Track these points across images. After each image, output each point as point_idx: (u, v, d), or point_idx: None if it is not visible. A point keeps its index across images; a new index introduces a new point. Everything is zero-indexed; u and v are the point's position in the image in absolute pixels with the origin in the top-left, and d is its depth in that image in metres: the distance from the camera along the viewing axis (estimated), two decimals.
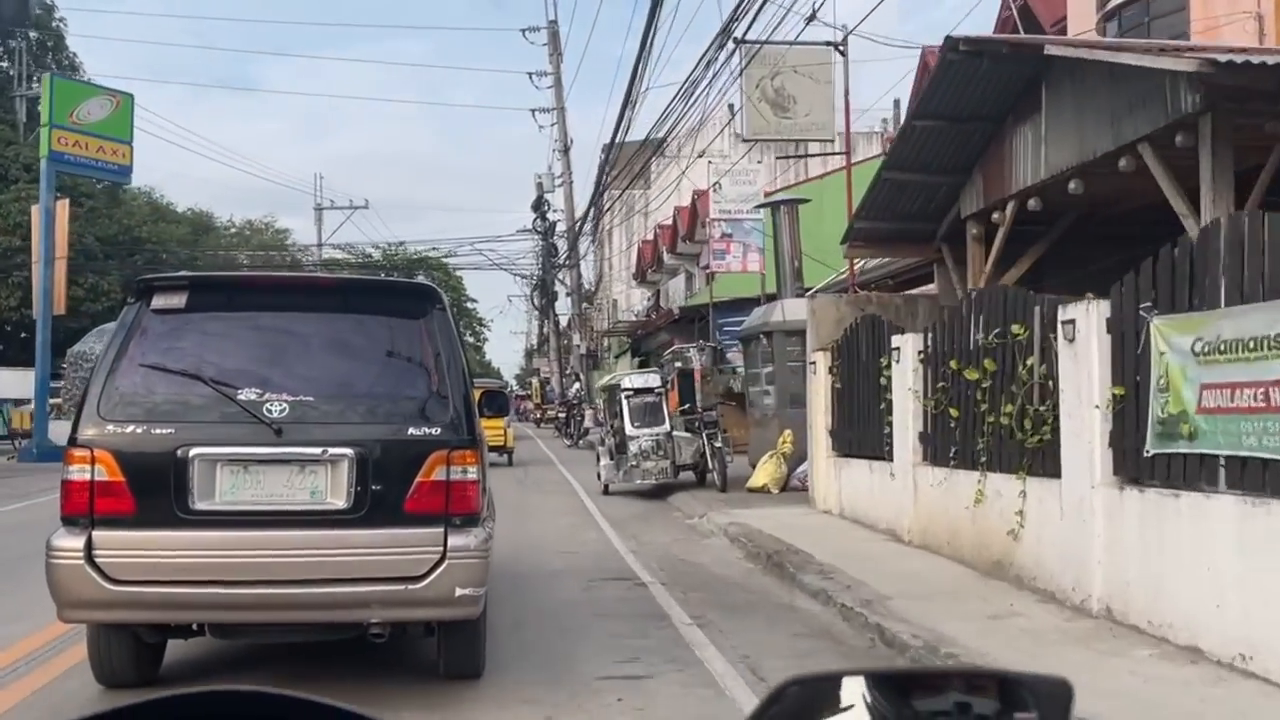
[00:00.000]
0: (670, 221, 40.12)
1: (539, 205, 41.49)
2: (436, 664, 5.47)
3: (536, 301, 45.13)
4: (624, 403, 15.02)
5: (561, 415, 33.52)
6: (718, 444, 14.56)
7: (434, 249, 46.70)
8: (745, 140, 14.17)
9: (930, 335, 9.13)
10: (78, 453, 4.82)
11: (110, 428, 4.85)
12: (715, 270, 25.50)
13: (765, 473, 14.08)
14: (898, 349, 9.60)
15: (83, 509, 4.83)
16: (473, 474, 5.02)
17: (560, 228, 41.92)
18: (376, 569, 4.84)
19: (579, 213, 41.39)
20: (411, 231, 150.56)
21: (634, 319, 34.26)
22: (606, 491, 15.71)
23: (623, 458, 15.29)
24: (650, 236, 47.05)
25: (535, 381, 48.63)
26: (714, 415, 14.90)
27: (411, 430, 4.97)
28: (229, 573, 4.79)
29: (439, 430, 4.98)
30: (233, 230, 71.36)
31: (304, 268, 71.56)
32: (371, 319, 5.43)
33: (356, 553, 4.84)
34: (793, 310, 14.74)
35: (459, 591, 4.87)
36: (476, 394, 6.50)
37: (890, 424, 9.84)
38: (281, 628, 5.16)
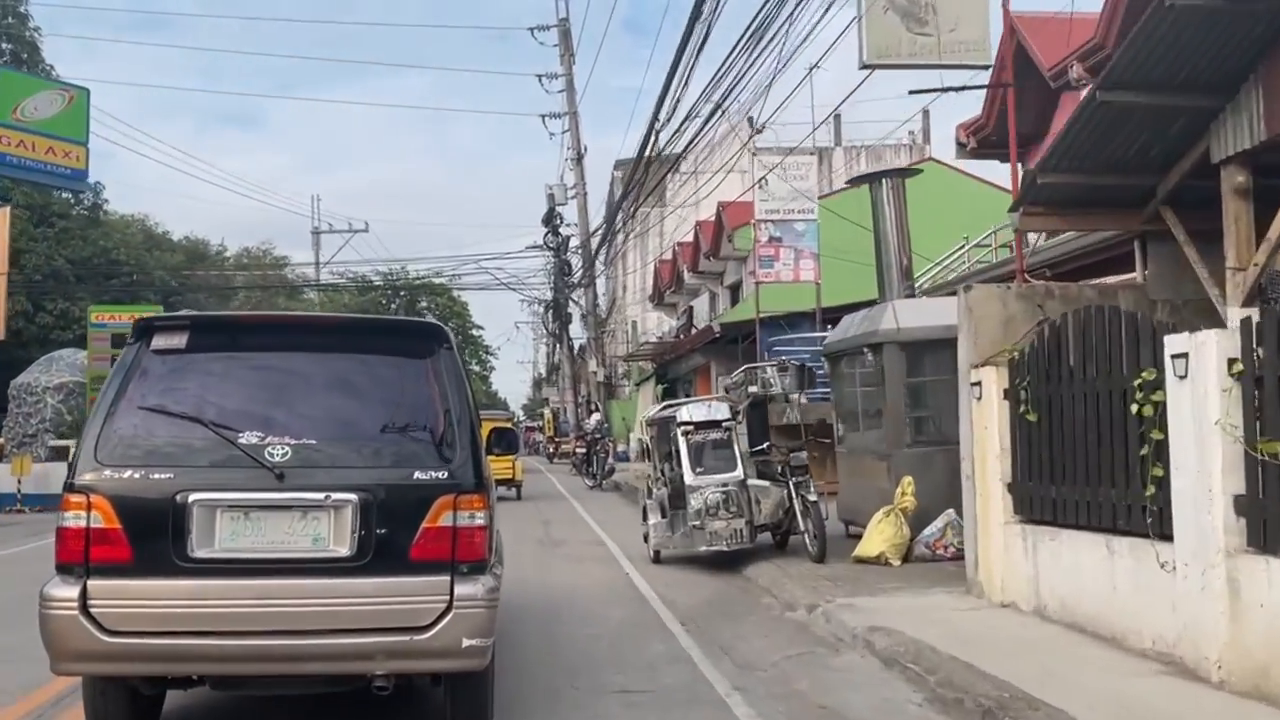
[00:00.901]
0: (690, 238, 36.51)
1: (550, 219, 37.86)
2: (444, 715, 5.30)
3: (548, 324, 41.23)
4: (681, 441, 11.22)
5: (580, 451, 29.64)
6: (812, 497, 10.74)
7: (437, 273, 42.75)
8: (865, 66, 10.35)
9: (1256, 334, 5.37)
10: (74, 498, 4.70)
11: (107, 472, 4.74)
12: (762, 280, 21.73)
13: (881, 537, 10.23)
14: (1182, 357, 5.79)
15: (78, 557, 4.68)
16: (480, 519, 4.88)
17: (574, 243, 38.26)
18: (381, 619, 4.71)
19: (594, 226, 37.76)
20: (414, 253, 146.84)
21: (657, 341, 30.45)
22: (657, 560, 11.86)
23: (679, 514, 11.50)
24: (668, 255, 43.43)
25: (547, 413, 44.69)
26: (803, 458, 11.08)
27: (417, 474, 4.84)
28: (229, 623, 4.67)
29: (446, 474, 4.86)
30: (227, 258, 68.13)
31: (302, 295, 68.35)
32: (377, 359, 5.30)
33: (360, 602, 4.71)
34: (910, 314, 10.94)
35: (466, 642, 4.74)
36: (485, 429, 5.70)
37: (1162, 480, 6.03)
38: (283, 680, 4.99)
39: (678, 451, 11.30)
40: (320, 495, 4.73)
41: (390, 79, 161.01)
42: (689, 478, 11.08)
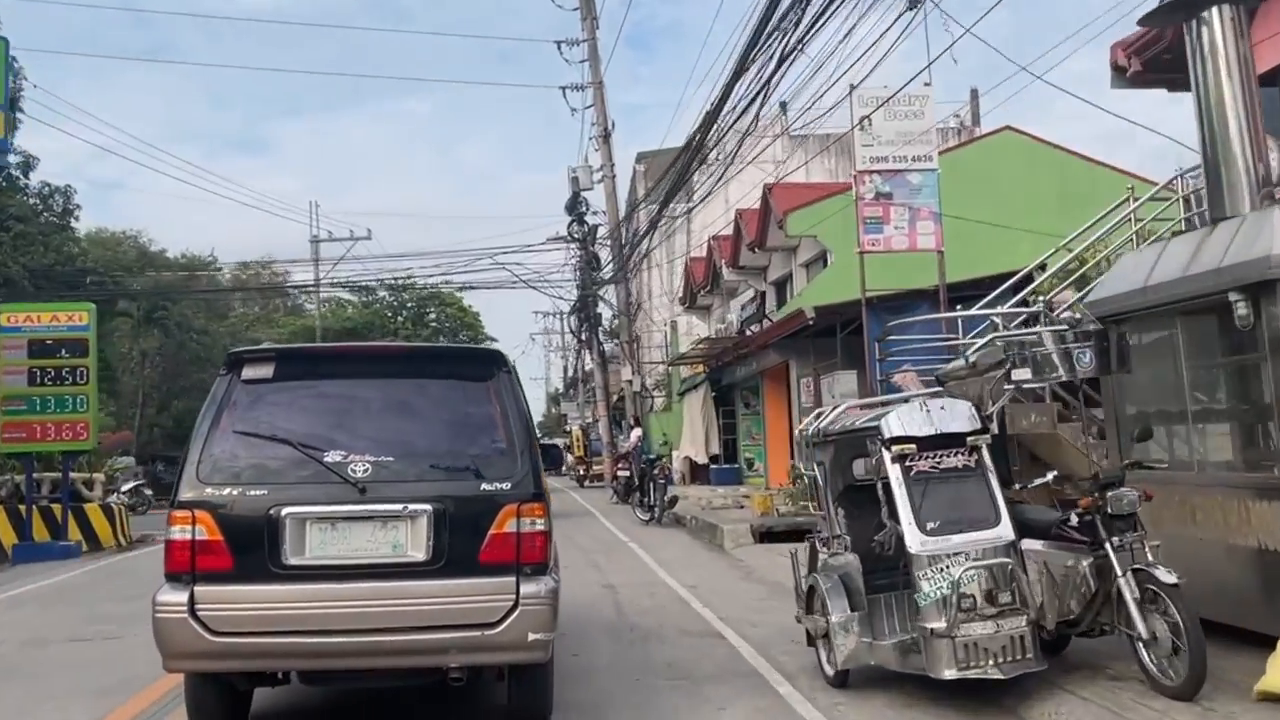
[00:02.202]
0: (729, 231, 31.60)
1: (575, 206, 32.80)
2: (505, 710, 5.80)
3: (573, 328, 35.95)
4: (894, 473, 6.12)
5: (623, 475, 24.49)
6: (1168, 579, 5.62)
7: (446, 278, 37.37)
8: None
9: None
10: (179, 514, 5.20)
11: (209, 490, 5.24)
12: (868, 249, 16.63)
13: None
14: None
15: (185, 566, 5.17)
16: (541, 525, 5.34)
17: (602, 232, 33.18)
18: (455, 617, 5.16)
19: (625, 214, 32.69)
20: (421, 260, 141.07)
21: (714, 338, 25.37)
22: (843, 682, 6.68)
23: (890, 606, 6.45)
24: (699, 253, 38.43)
25: (575, 430, 39.40)
26: (1128, 500, 5.94)
27: (484, 486, 5.33)
28: (319, 623, 5.12)
29: (509, 485, 5.34)
30: (224, 273, 63.46)
31: (304, 310, 63.48)
32: (444, 383, 5.82)
33: (436, 602, 5.16)
34: None
35: (532, 636, 5.18)
36: None
37: None
38: (368, 674, 5.45)
39: (886, 491, 6.18)
40: (398, 506, 5.25)
41: (395, 102, 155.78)
42: (914, 539, 5.97)
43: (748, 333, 23.81)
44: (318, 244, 53.67)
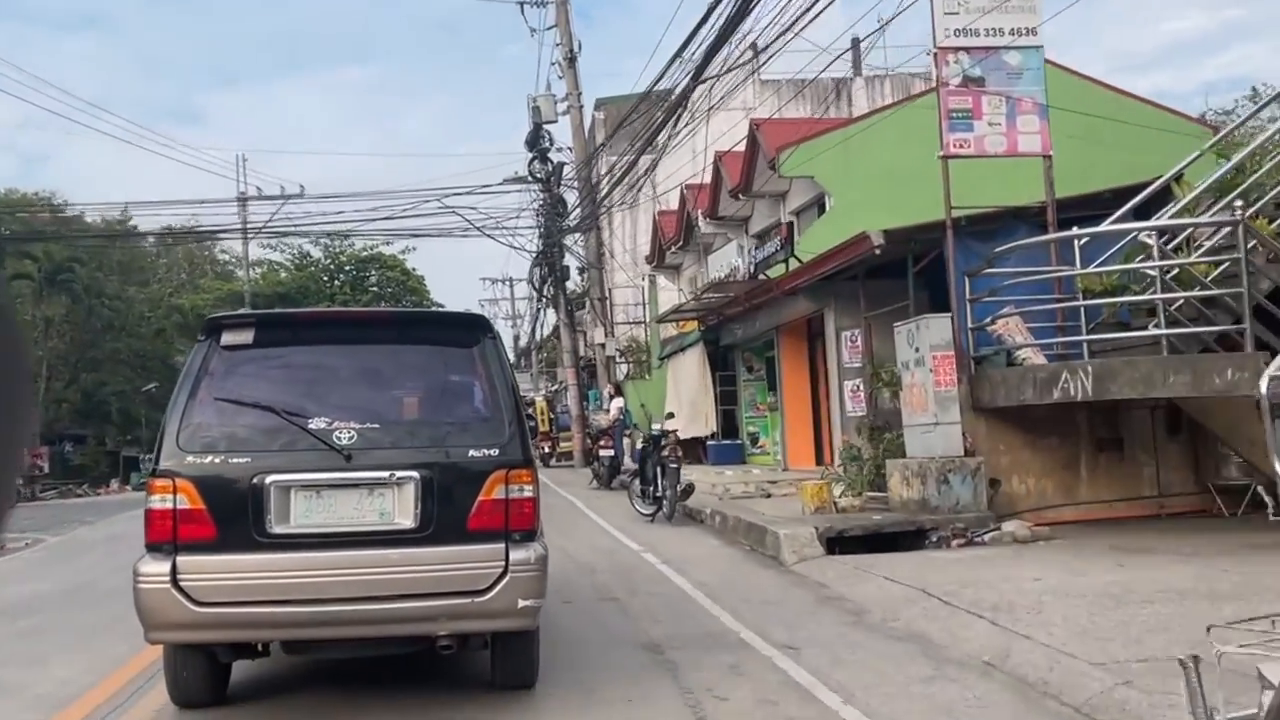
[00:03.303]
0: (705, 180, 27.35)
1: (537, 140, 28.20)
2: (488, 680, 5.80)
3: (535, 281, 31.05)
4: None
5: (606, 454, 20.16)
6: None
7: (388, 223, 32.10)
8: None
9: None
10: (160, 482, 5.10)
11: (190, 458, 5.14)
12: (955, 152, 12.37)
13: None
14: None
15: (167, 536, 5.08)
16: (529, 491, 5.31)
17: (568, 172, 28.59)
18: (444, 584, 5.14)
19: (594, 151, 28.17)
20: (357, 203, 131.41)
21: (724, 281, 20.56)
22: None
23: None
24: (668, 205, 34.12)
25: (539, 400, 34.55)
26: None
27: (471, 452, 5.28)
28: (306, 592, 5.05)
29: (497, 451, 5.29)
30: (148, 239, 57.93)
31: (234, 275, 57.99)
32: (428, 349, 5.82)
33: (424, 569, 5.13)
34: None
35: (521, 603, 5.17)
36: None
37: None
38: (356, 643, 5.41)
39: None
40: (385, 474, 5.18)
41: (333, 73, 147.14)
42: None
43: (758, 276, 19.40)
44: (245, 201, 48.07)
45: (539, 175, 28.18)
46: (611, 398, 23.31)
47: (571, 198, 28.54)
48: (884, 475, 12.43)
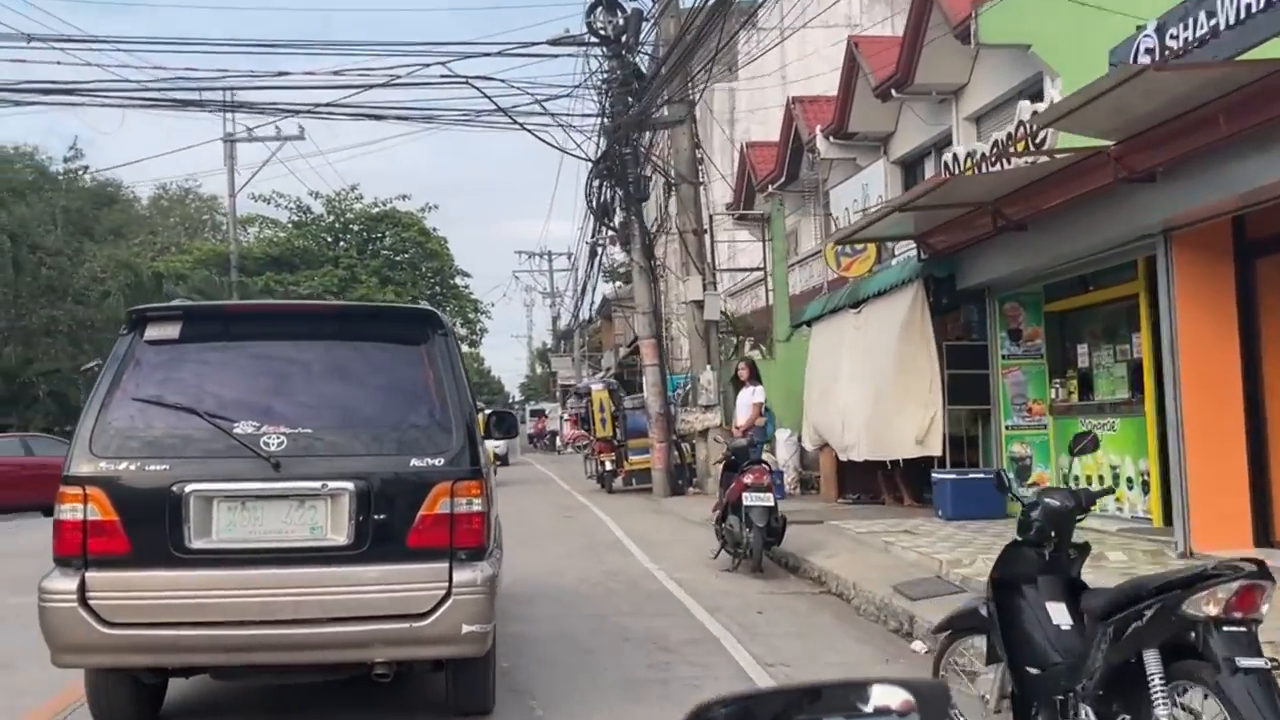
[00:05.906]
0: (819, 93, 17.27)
1: None
2: (444, 701, 5.37)
3: (596, 200, 19.55)
4: None
5: (762, 501, 9.56)
6: None
7: (394, 81, 20.33)
8: None
9: None
10: (70, 490, 4.72)
11: (103, 464, 4.76)
12: None
13: None
14: None
15: (76, 549, 4.72)
16: (478, 506, 4.91)
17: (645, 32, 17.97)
18: (379, 607, 4.76)
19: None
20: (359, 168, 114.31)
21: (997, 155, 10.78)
22: None
23: None
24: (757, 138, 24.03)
25: (599, 392, 22.44)
26: None
27: (414, 461, 4.88)
28: (227, 613, 4.70)
29: (442, 461, 4.89)
30: (141, 202, 48.93)
31: (221, 229, 48.33)
32: (371, 346, 5.37)
33: (358, 590, 4.75)
34: None
35: (465, 629, 4.78)
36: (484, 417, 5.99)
37: None
38: (283, 669, 5.04)
39: None
40: (317, 484, 4.78)
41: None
42: None
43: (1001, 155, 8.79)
44: (233, 143, 37.62)
45: (603, 30, 17.69)
46: (743, 385, 12.93)
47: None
48: None
